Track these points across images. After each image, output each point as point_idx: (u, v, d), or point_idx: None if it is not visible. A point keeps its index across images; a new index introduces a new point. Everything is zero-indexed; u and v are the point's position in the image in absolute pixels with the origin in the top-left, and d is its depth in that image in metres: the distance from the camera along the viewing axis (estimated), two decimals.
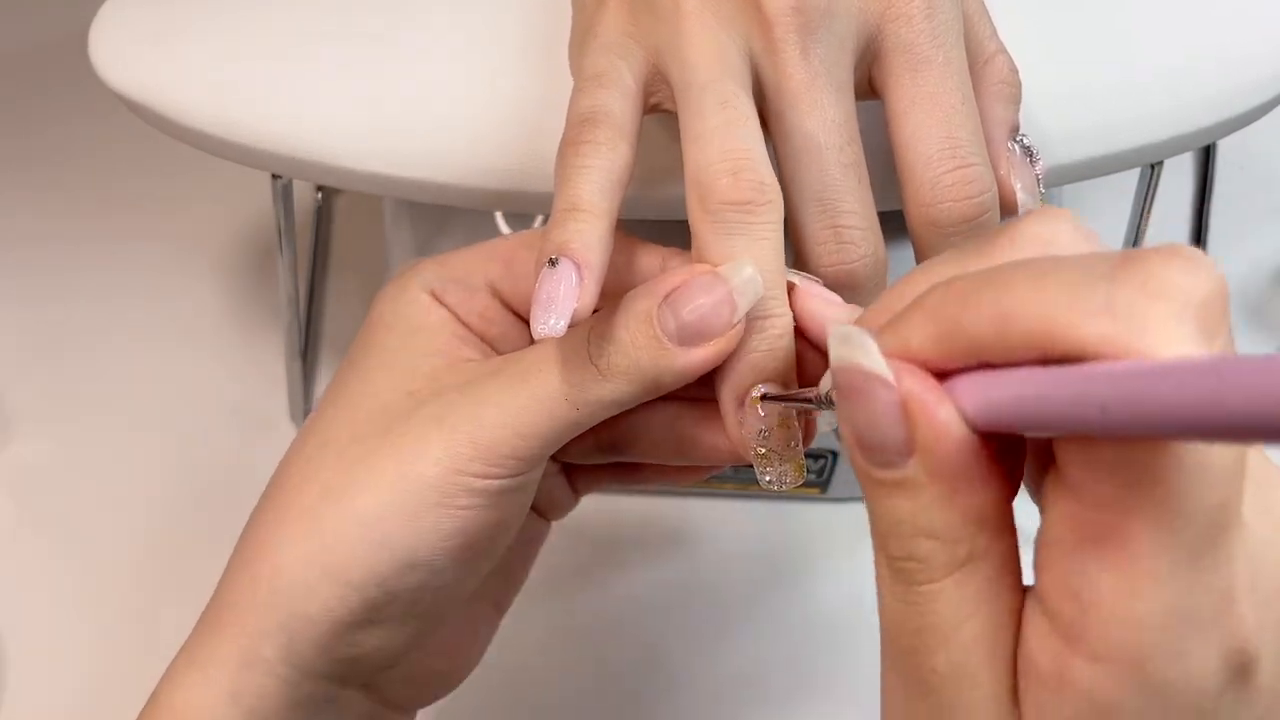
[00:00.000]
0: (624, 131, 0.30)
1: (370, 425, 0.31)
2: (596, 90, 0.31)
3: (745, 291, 0.29)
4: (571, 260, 0.28)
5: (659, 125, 0.34)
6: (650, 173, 0.35)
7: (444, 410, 0.30)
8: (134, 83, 0.40)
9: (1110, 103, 0.39)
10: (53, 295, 0.58)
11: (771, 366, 0.30)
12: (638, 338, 0.29)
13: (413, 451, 0.30)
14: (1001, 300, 0.21)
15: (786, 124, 0.31)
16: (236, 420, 0.54)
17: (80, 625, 0.48)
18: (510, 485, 0.30)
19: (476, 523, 0.30)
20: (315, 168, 0.39)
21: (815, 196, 0.31)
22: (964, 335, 0.21)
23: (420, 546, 0.30)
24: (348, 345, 0.34)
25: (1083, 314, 0.19)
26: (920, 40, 0.31)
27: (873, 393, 0.22)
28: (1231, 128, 0.40)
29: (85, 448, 0.53)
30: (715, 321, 0.29)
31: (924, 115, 0.31)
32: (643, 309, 0.29)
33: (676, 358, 0.29)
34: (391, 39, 0.40)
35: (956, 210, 0.31)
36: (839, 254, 0.31)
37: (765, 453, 0.30)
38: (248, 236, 0.60)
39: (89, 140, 0.63)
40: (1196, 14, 0.40)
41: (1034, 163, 0.33)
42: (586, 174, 0.29)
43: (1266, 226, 0.60)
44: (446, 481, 0.30)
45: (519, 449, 0.30)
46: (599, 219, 0.29)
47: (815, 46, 0.31)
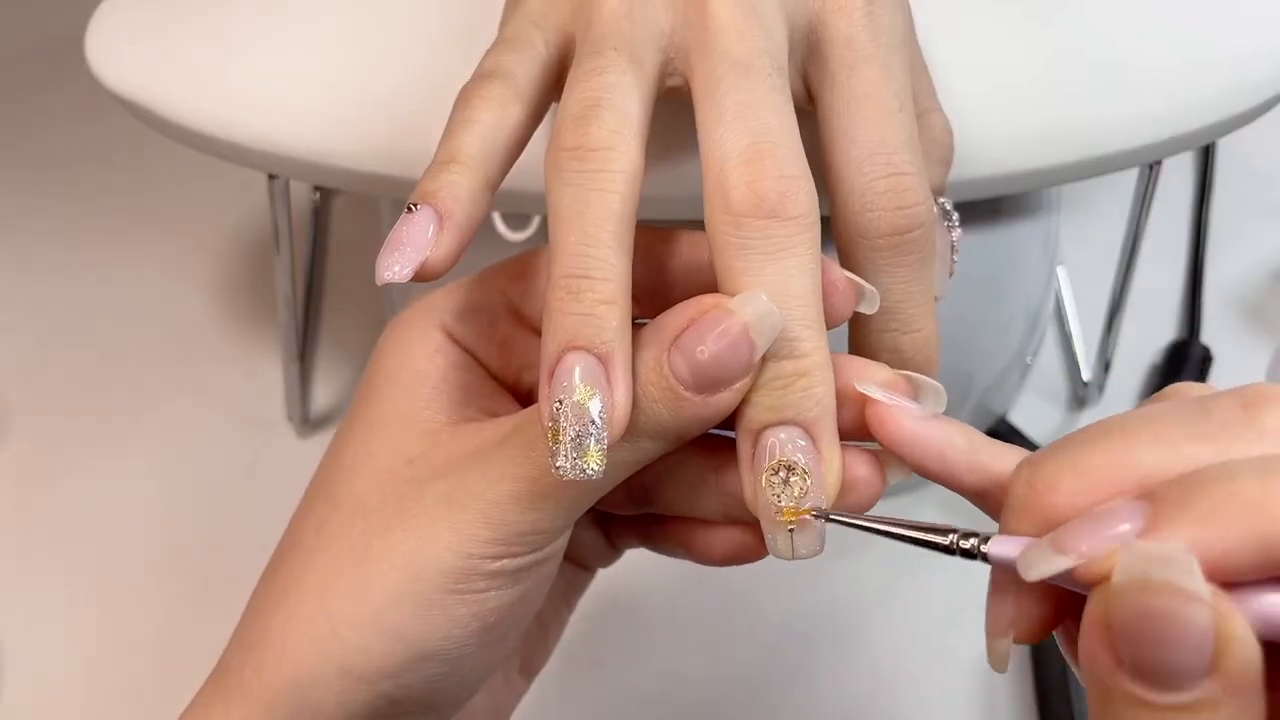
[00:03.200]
0: (520, 93, 0.28)
1: (373, 496, 0.29)
2: (502, 52, 0.29)
3: (762, 328, 0.25)
4: (433, 208, 0.26)
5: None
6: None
7: (453, 487, 0.28)
8: (130, 83, 0.40)
9: (1109, 102, 0.39)
10: (51, 296, 0.58)
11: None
12: (650, 389, 0.26)
13: (423, 535, 0.27)
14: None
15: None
16: (234, 421, 0.54)
17: (79, 625, 0.48)
18: (530, 562, 0.28)
19: (495, 603, 0.28)
20: (312, 168, 0.39)
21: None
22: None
23: (434, 637, 0.27)
24: (346, 346, 0.33)
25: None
26: (860, 35, 0.29)
27: (1186, 617, 0.19)
28: (1231, 127, 0.40)
29: (84, 448, 0.53)
30: (733, 363, 0.25)
31: (858, 117, 0.28)
32: (651, 358, 0.26)
33: (698, 408, 0.26)
34: (391, 39, 0.40)
35: (886, 220, 0.28)
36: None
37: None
38: (245, 237, 0.60)
39: (86, 141, 0.63)
40: (1195, 14, 0.40)
41: (951, 229, 0.32)
42: (469, 127, 0.28)
43: (1266, 226, 0.60)
44: (460, 567, 0.27)
45: (538, 523, 0.27)
46: (473, 171, 0.27)
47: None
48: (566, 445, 0.25)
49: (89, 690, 0.46)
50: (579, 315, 0.25)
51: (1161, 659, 0.19)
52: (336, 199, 0.61)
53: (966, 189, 0.39)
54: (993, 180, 0.38)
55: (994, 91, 0.38)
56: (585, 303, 0.25)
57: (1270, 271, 0.57)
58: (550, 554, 0.28)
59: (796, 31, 0.29)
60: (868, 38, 0.29)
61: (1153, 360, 0.55)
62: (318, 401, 0.54)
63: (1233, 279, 0.57)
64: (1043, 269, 0.50)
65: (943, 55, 0.35)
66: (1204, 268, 0.58)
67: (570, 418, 0.25)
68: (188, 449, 0.53)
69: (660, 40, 0.28)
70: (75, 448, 0.53)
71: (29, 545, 0.50)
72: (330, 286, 0.58)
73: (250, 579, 0.31)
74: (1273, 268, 0.57)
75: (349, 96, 0.39)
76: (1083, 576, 0.21)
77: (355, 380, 0.55)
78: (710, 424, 0.26)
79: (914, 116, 0.29)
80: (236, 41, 0.40)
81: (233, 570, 0.50)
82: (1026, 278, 0.49)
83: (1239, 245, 0.59)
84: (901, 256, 0.28)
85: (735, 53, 0.27)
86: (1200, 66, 0.39)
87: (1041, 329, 0.53)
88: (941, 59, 0.35)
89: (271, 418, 0.54)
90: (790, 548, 0.26)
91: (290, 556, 0.30)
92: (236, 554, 0.50)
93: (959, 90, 0.34)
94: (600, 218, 0.25)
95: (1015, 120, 0.38)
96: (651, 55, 0.28)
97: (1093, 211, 0.59)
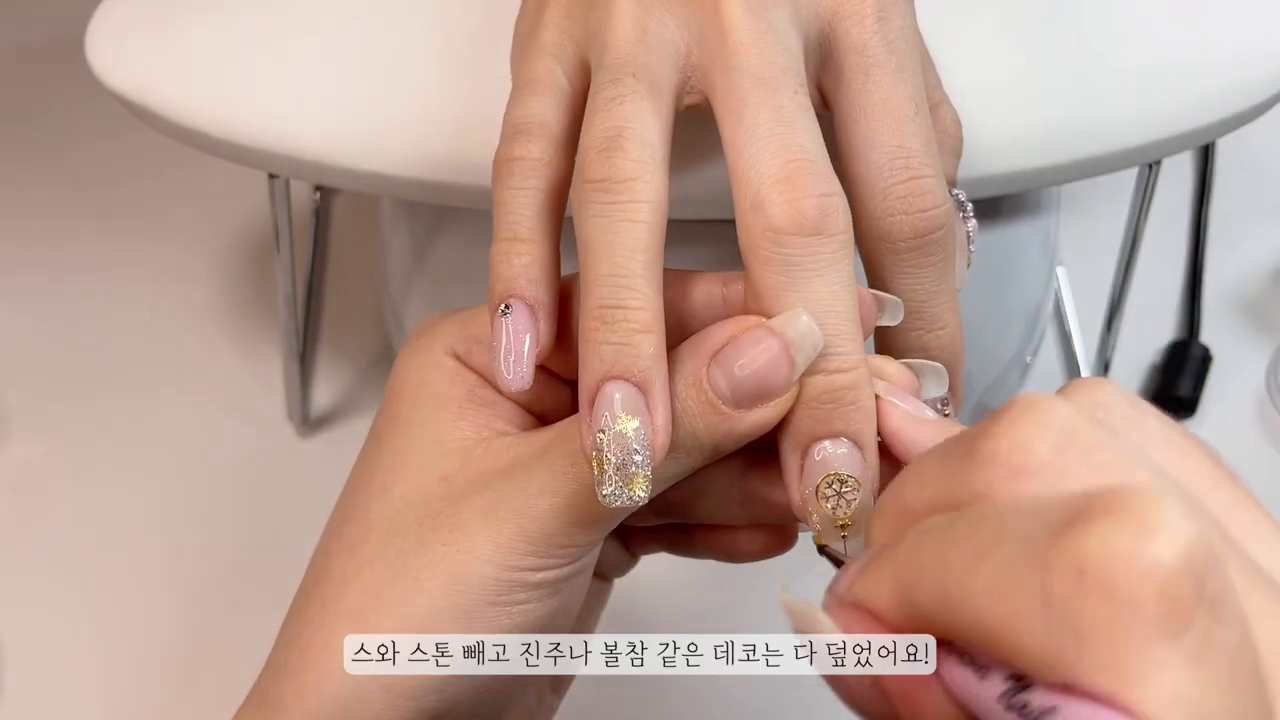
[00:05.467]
0: (558, 140, 0.29)
1: (409, 515, 0.29)
2: (529, 99, 0.29)
3: (803, 346, 0.26)
4: (523, 302, 0.27)
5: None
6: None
7: (492, 502, 0.28)
8: (131, 82, 0.40)
9: (1108, 101, 0.39)
10: (51, 296, 0.58)
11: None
12: (689, 405, 0.26)
13: (463, 549, 0.28)
14: (944, 583, 0.18)
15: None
16: (234, 420, 0.54)
17: (79, 625, 0.48)
18: (569, 573, 0.28)
19: (536, 614, 0.28)
20: (312, 167, 0.39)
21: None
22: (920, 612, 0.19)
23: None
24: (346, 346, 0.33)
25: (1020, 621, 0.16)
26: (872, 42, 0.29)
27: (844, 675, 0.20)
28: (1230, 126, 0.40)
29: (84, 448, 0.53)
30: (774, 380, 0.26)
31: (874, 122, 0.29)
32: (690, 371, 0.27)
33: (735, 423, 0.26)
34: (390, 38, 0.40)
35: (908, 224, 0.28)
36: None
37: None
38: (245, 237, 0.60)
39: (87, 140, 0.63)
40: (1195, 12, 0.40)
41: (966, 219, 0.32)
42: (521, 195, 0.28)
43: (1266, 226, 0.60)
44: (501, 580, 0.27)
45: (575, 537, 0.28)
46: (539, 245, 0.28)
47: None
48: (611, 474, 0.25)
49: (89, 690, 0.46)
50: (616, 345, 0.25)
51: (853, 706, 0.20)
52: (336, 199, 0.61)
53: (967, 188, 0.38)
54: (992, 179, 0.38)
55: (993, 90, 0.38)
56: (621, 332, 0.25)
57: (1270, 271, 0.57)
58: (587, 564, 0.29)
59: (810, 41, 0.30)
60: (880, 44, 0.29)
61: (1152, 360, 0.55)
62: (318, 401, 0.54)
63: (1233, 279, 0.57)
64: (1043, 269, 0.50)
65: (942, 53, 0.35)
66: (1204, 268, 0.58)
67: (613, 446, 0.25)
68: (188, 449, 0.53)
69: (676, 60, 0.29)
70: (75, 448, 0.53)
71: (29, 545, 0.50)
72: (330, 286, 0.58)
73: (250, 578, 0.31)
74: (1273, 268, 0.57)
75: (350, 96, 0.39)
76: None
77: (355, 380, 0.55)
78: (747, 439, 0.27)
79: (929, 119, 0.30)
80: (237, 41, 0.40)
81: (233, 570, 0.50)
82: (1026, 277, 0.49)
83: (1239, 245, 0.59)
84: (924, 258, 0.29)
85: (758, 70, 0.27)
86: (1200, 66, 0.39)
87: (1041, 329, 0.53)
88: (942, 57, 0.35)
89: (271, 418, 0.54)
90: (845, 549, 0.27)
91: (324, 583, 0.30)
92: (236, 553, 0.50)
93: (958, 88, 0.34)
94: (631, 248, 0.26)
95: (1014, 119, 0.38)
96: (669, 76, 0.28)
97: (1093, 211, 0.59)
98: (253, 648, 0.31)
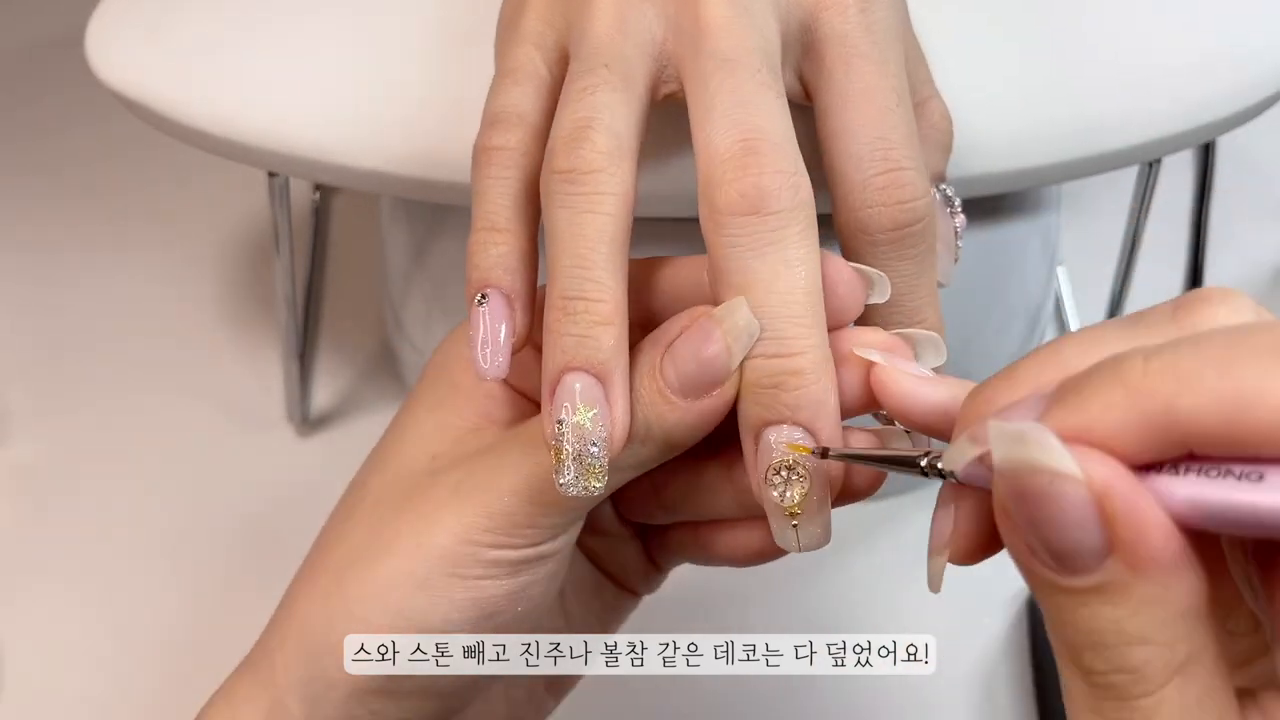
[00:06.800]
0: (535, 129, 0.29)
1: (395, 488, 0.30)
2: (508, 88, 0.29)
3: (737, 333, 0.26)
4: (498, 292, 0.28)
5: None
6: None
7: (463, 477, 0.29)
8: (131, 81, 0.40)
9: (1107, 99, 0.39)
10: (51, 295, 0.58)
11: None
12: (644, 395, 0.26)
13: (428, 519, 0.29)
14: (1236, 383, 0.18)
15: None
16: (234, 420, 0.54)
17: (79, 626, 0.48)
18: (530, 555, 0.28)
19: (492, 592, 0.28)
20: (311, 164, 0.39)
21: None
22: (1178, 424, 0.18)
23: (434, 617, 0.28)
24: (346, 346, 0.34)
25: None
26: (855, 32, 0.29)
27: (1060, 494, 0.19)
28: (1230, 125, 0.40)
29: (84, 448, 0.53)
30: (713, 369, 0.26)
31: (855, 113, 0.29)
32: (647, 362, 0.27)
33: (684, 413, 0.26)
34: (389, 36, 0.40)
35: (886, 215, 0.28)
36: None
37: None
38: (245, 236, 0.60)
39: (86, 139, 0.63)
40: (1195, 12, 0.40)
41: (954, 214, 0.32)
42: (499, 185, 0.28)
43: (1266, 226, 0.60)
44: (457, 552, 0.28)
45: (536, 519, 0.28)
46: (515, 235, 0.28)
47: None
48: (569, 463, 0.26)
49: (89, 690, 0.46)
50: (576, 336, 0.26)
51: (1050, 538, 0.19)
52: (336, 198, 0.61)
53: (965, 187, 0.39)
54: (992, 178, 0.38)
55: (993, 89, 0.38)
56: (581, 324, 0.26)
57: (1270, 271, 0.57)
58: (550, 551, 0.29)
59: (791, 30, 0.29)
60: (862, 34, 0.29)
61: None
62: (318, 401, 0.54)
63: (1233, 279, 0.57)
64: (1042, 268, 0.50)
65: (941, 52, 0.35)
66: (1204, 267, 0.58)
67: (570, 436, 0.26)
68: (188, 449, 0.53)
69: (653, 49, 0.29)
70: (75, 448, 0.53)
71: (29, 546, 0.50)
72: (330, 286, 0.58)
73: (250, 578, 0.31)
74: (1273, 268, 0.57)
75: (349, 94, 0.39)
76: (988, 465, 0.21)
77: (355, 380, 0.55)
78: (702, 429, 0.27)
79: (911, 111, 0.29)
80: (237, 39, 0.41)
81: (232, 569, 0.50)
82: (1026, 277, 0.49)
83: (1239, 245, 0.59)
84: (903, 250, 0.29)
85: (722, 50, 0.27)
86: (1200, 65, 0.39)
87: (1041, 329, 0.53)
88: (940, 55, 0.35)
89: (271, 418, 0.54)
90: (796, 541, 0.27)
91: (320, 542, 0.31)
92: (236, 553, 0.50)
93: (958, 87, 0.34)
94: (594, 239, 0.26)
95: (1014, 118, 0.38)
96: (644, 66, 0.28)
97: (1093, 211, 0.59)
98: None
